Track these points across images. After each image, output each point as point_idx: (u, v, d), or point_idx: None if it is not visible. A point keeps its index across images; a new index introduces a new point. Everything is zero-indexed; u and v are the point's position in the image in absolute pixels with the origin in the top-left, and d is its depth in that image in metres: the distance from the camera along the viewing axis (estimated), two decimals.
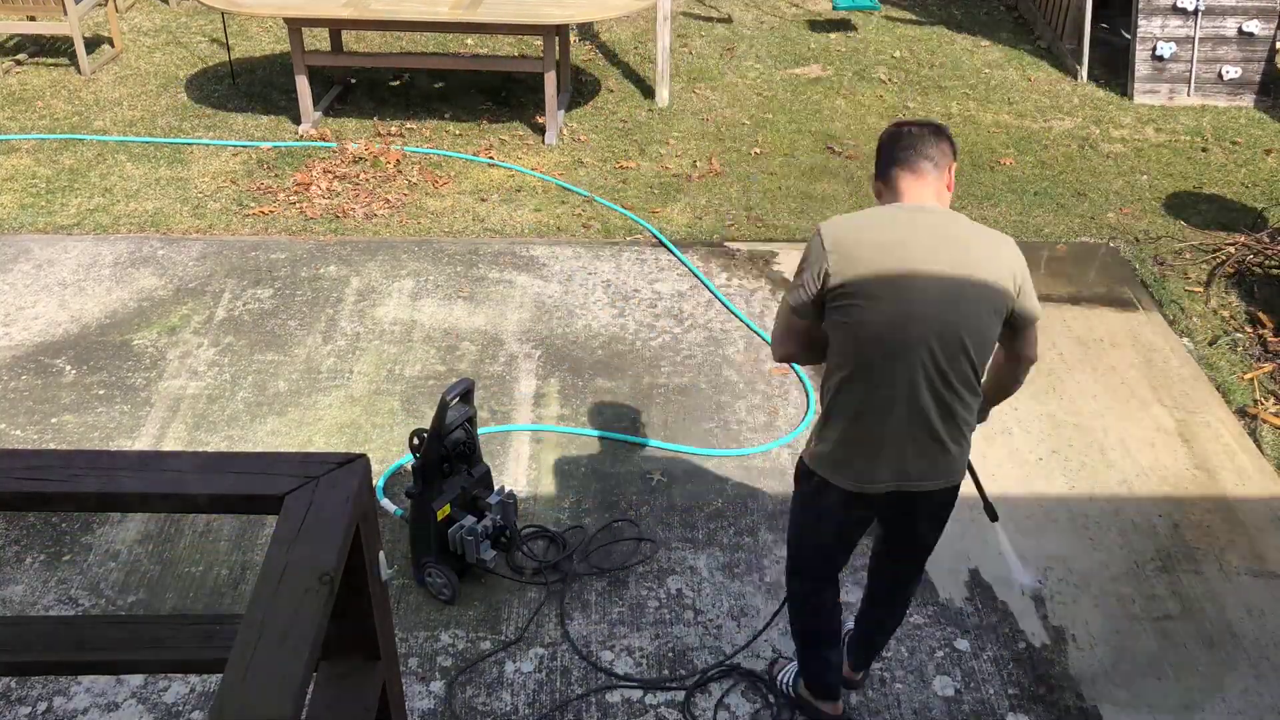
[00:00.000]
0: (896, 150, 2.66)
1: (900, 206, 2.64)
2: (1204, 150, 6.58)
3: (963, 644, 3.49)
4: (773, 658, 3.41)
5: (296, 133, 6.63)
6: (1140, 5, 6.98)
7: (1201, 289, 5.28)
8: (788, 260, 5.44)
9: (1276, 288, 5.19)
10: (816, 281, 2.58)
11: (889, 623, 3.19)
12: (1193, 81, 7.08)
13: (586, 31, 8.13)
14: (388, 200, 5.93)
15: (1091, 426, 4.42)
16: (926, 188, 2.64)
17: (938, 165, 2.65)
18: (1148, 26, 7.01)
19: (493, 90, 7.27)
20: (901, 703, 3.31)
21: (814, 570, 3.02)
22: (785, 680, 3.30)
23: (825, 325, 2.64)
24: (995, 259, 2.58)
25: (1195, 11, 6.94)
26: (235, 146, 6.48)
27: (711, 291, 5.17)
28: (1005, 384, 2.86)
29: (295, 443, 4.28)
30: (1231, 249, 5.51)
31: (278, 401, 4.49)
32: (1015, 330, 2.68)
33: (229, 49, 7.58)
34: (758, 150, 6.53)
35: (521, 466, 4.17)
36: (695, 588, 3.69)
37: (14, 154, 6.37)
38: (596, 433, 4.33)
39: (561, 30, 6.73)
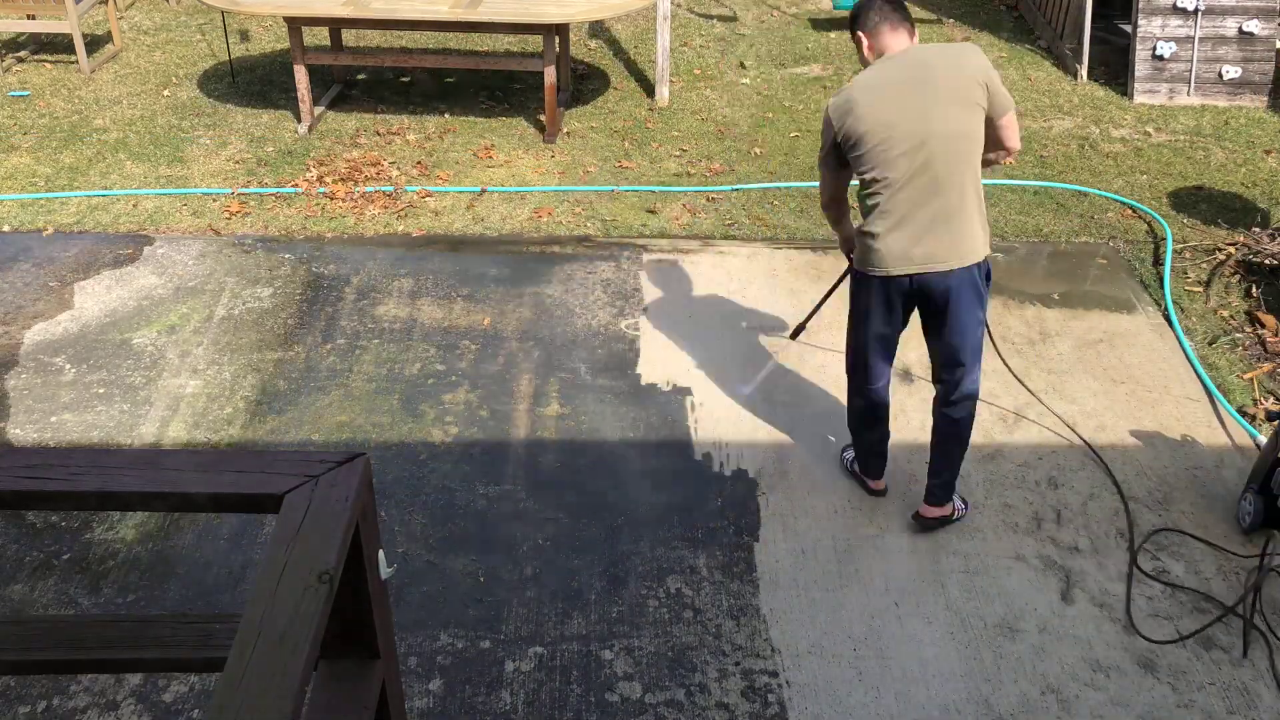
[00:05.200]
0: (875, 14, 3.49)
1: (884, 59, 3.46)
2: (1204, 150, 6.58)
3: None
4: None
5: (296, 131, 6.63)
6: (1140, 5, 6.98)
7: (1201, 289, 5.28)
8: (789, 257, 5.44)
9: (1276, 288, 5.18)
10: (835, 147, 3.50)
11: (950, 434, 3.75)
12: (1193, 81, 7.08)
13: (595, 30, 8.13)
14: (387, 199, 5.92)
15: (1091, 427, 4.41)
16: (902, 37, 3.49)
17: (905, 18, 3.52)
18: (1148, 26, 7.01)
19: (493, 89, 7.27)
20: None
21: (866, 361, 3.75)
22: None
23: (854, 164, 3.49)
24: (961, 68, 3.41)
25: (1195, 11, 6.94)
26: (235, 145, 6.48)
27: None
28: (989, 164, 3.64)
29: (295, 442, 4.28)
30: (1231, 249, 5.51)
31: (277, 401, 4.49)
32: (994, 120, 3.47)
33: (229, 47, 7.58)
34: (758, 150, 6.52)
35: None
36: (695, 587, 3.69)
37: (14, 152, 6.37)
38: None
39: (561, 29, 6.73)
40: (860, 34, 3.52)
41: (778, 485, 4.10)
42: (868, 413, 3.87)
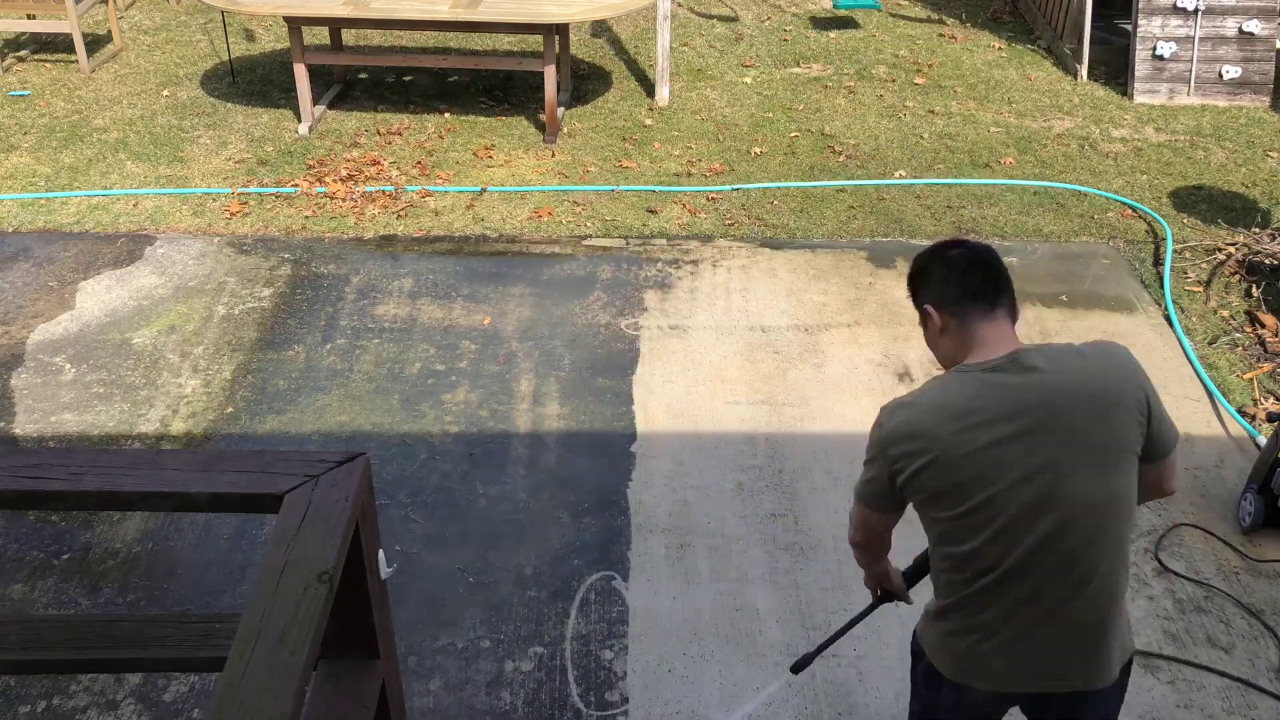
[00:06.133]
0: (955, 282, 2.23)
1: (973, 371, 2.18)
2: (1204, 150, 6.58)
3: None
4: None
5: (296, 131, 6.63)
6: (1140, 5, 6.98)
7: (1201, 289, 5.28)
8: (789, 257, 5.43)
9: (1276, 288, 5.18)
10: (891, 485, 2.24)
11: None
12: (1193, 81, 7.08)
13: (595, 30, 8.13)
14: (387, 198, 5.92)
15: None
16: (1003, 326, 2.22)
17: (1003, 289, 2.24)
18: (1148, 26, 7.01)
19: (493, 89, 7.27)
20: None
21: None
22: None
23: (930, 525, 2.27)
24: (1112, 394, 2.16)
25: (1195, 11, 6.94)
26: (235, 145, 6.48)
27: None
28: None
29: (295, 442, 4.28)
30: (1231, 249, 5.51)
31: (277, 400, 4.49)
32: (1148, 461, 2.24)
33: (229, 47, 7.57)
34: (758, 150, 6.52)
35: None
36: None
37: (14, 152, 6.37)
38: None
39: (561, 29, 6.73)
40: (930, 308, 2.26)
41: (777, 486, 4.10)
42: None
